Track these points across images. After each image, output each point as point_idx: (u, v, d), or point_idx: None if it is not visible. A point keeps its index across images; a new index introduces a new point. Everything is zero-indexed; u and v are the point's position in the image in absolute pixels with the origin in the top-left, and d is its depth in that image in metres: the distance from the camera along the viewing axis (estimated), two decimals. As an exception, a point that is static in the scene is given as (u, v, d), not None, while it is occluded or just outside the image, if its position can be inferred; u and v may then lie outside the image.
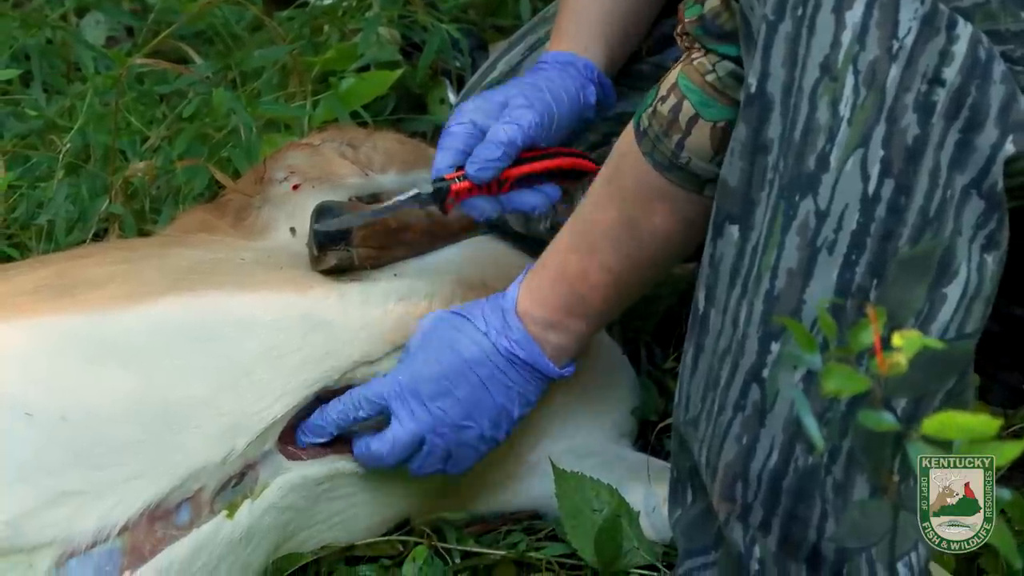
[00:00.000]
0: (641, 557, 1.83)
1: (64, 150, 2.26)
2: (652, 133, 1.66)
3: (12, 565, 1.60)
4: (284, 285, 1.82)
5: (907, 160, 1.47)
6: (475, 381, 1.76)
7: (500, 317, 1.75)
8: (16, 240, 2.22)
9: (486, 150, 1.82)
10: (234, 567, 1.74)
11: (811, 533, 1.52)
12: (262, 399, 1.74)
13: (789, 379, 1.51)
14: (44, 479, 1.62)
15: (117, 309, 1.73)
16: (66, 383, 1.67)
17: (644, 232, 1.70)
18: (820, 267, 1.50)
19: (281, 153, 2.09)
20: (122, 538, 1.66)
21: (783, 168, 1.51)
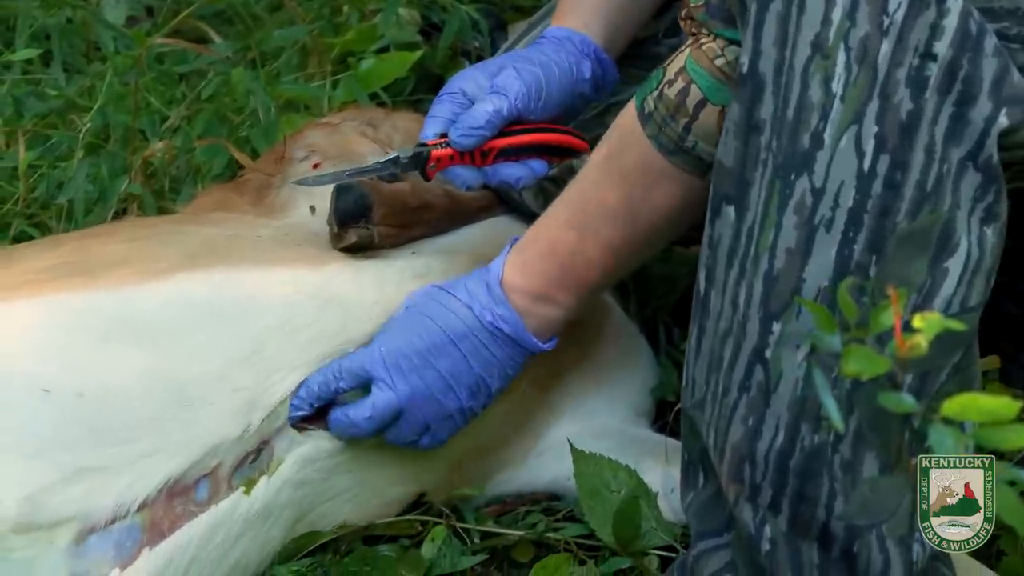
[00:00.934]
0: (659, 538, 1.83)
1: (84, 130, 2.27)
2: (658, 116, 1.65)
3: (32, 541, 1.61)
4: (299, 261, 1.82)
5: (902, 135, 1.47)
6: (457, 355, 1.75)
7: (485, 290, 1.75)
8: (36, 219, 2.22)
9: (470, 117, 1.83)
10: (253, 543, 1.74)
11: (820, 512, 1.52)
12: (275, 374, 1.74)
13: (792, 359, 1.51)
14: (62, 455, 1.63)
15: (132, 286, 1.73)
16: (82, 360, 1.67)
17: (643, 213, 1.69)
18: (818, 245, 1.50)
19: (301, 132, 2.09)
20: (141, 514, 1.66)
21: (777, 147, 1.51)
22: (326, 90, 2.41)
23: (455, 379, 1.75)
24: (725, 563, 1.60)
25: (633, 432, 2.01)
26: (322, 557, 1.82)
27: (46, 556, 1.61)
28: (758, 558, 1.55)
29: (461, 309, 1.75)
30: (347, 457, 1.81)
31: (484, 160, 1.87)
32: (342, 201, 1.86)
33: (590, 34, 1.89)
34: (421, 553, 1.83)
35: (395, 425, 1.77)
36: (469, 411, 1.78)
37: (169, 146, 2.23)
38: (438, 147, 1.85)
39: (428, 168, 1.86)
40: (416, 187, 1.91)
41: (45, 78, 2.44)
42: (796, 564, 1.54)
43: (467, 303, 1.75)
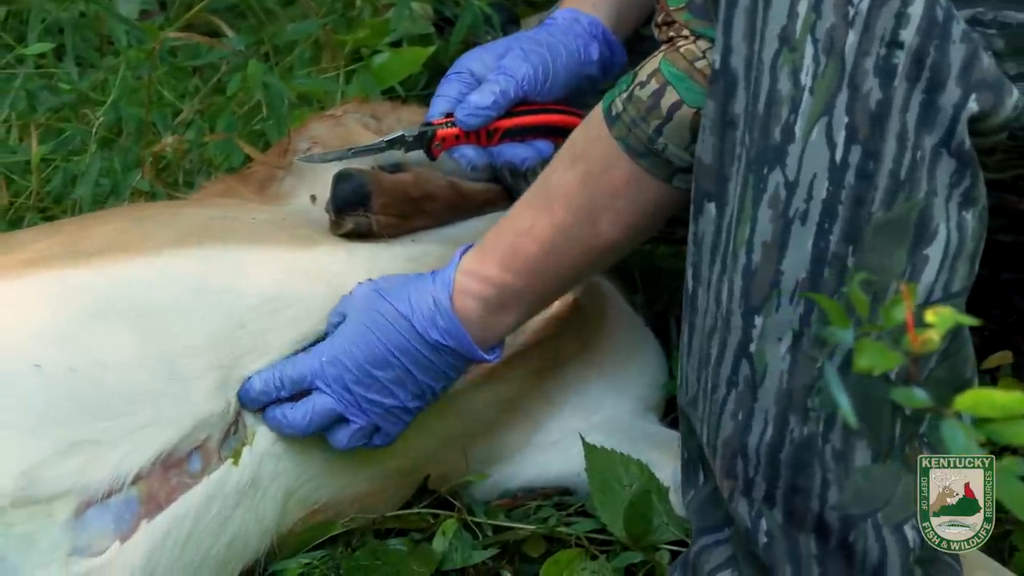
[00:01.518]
0: (671, 532, 1.83)
1: (97, 124, 2.27)
2: (627, 118, 1.64)
3: (31, 515, 1.61)
4: (291, 241, 1.82)
5: (872, 125, 1.47)
6: (399, 366, 1.73)
7: (431, 303, 1.71)
8: (49, 213, 2.23)
9: (477, 97, 1.84)
10: (248, 513, 1.74)
11: (814, 503, 1.52)
12: (251, 352, 1.75)
13: (775, 352, 1.51)
14: (56, 430, 1.63)
15: (123, 263, 1.74)
16: (73, 336, 1.68)
17: (601, 223, 1.68)
18: (794, 238, 1.50)
19: (305, 125, 2.09)
20: (137, 487, 1.67)
21: (750, 142, 1.50)
22: (339, 85, 2.41)
23: (397, 385, 1.74)
24: (726, 558, 1.60)
25: (643, 427, 2.00)
26: (333, 550, 1.82)
27: (47, 530, 1.62)
28: (756, 552, 1.55)
29: (400, 322, 1.72)
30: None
31: (490, 140, 1.87)
32: (340, 189, 1.86)
33: (599, 16, 1.89)
34: (432, 547, 1.83)
35: (341, 429, 1.76)
36: (416, 409, 1.76)
37: (181, 140, 2.23)
38: (444, 126, 1.86)
39: (433, 147, 1.86)
40: (419, 178, 1.91)
41: (58, 72, 2.44)
42: (794, 556, 1.54)
43: (406, 315, 1.72)
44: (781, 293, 1.50)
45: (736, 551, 1.59)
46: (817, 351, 1.49)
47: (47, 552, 1.61)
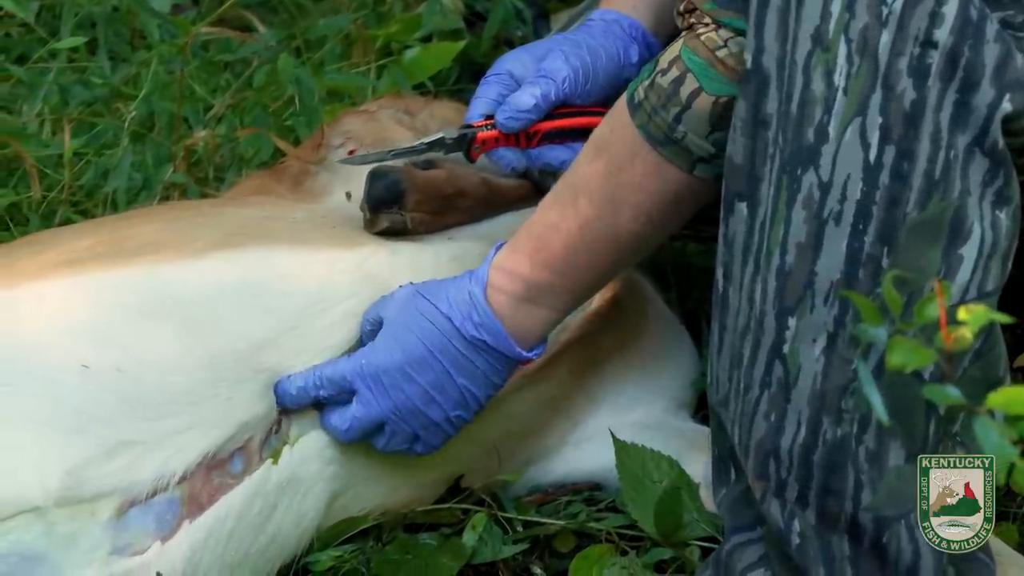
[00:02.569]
0: (701, 529, 1.83)
1: (129, 118, 2.28)
2: (648, 106, 1.64)
3: (74, 514, 1.62)
4: (333, 242, 1.82)
5: (906, 125, 1.47)
6: (439, 368, 1.73)
7: (467, 299, 1.72)
8: (82, 207, 2.24)
9: (517, 100, 1.84)
10: (288, 515, 1.75)
11: (847, 504, 1.52)
12: (300, 354, 1.75)
13: (809, 353, 1.51)
14: (102, 430, 1.64)
15: (168, 264, 1.74)
16: (121, 337, 1.69)
17: (626, 202, 1.67)
18: (828, 239, 1.49)
19: (339, 120, 2.09)
20: (180, 487, 1.68)
21: (783, 142, 1.50)
22: (370, 80, 2.41)
23: (438, 391, 1.74)
24: (759, 557, 1.60)
25: (674, 423, 2.00)
26: (363, 544, 1.82)
27: (88, 530, 1.63)
28: (789, 552, 1.55)
29: (441, 321, 1.72)
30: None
31: (529, 143, 1.87)
32: (374, 187, 1.86)
33: (638, 18, 1.89)
34: (462, 541, 1.83)
35: (380, 435, 1.76)
36: (458, 419, 1.76)
37: (212, 135, 2.24)
38: (483, 129, 1.86)
39: (473, 149, 1.87)
40: (451, 174, 1.91)
41: (91, 66, 2.45)
42: (827, 557, 1.53)
43: (447, 314, 1.72)
44: (815, 294, 1.50)
45: (768, 550, 1.59)
46: (851, 352, 1.49)
47: (88, 551, 1.62)
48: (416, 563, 1.80)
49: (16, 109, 2.36)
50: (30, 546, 1.60)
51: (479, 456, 1.89)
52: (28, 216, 2.20)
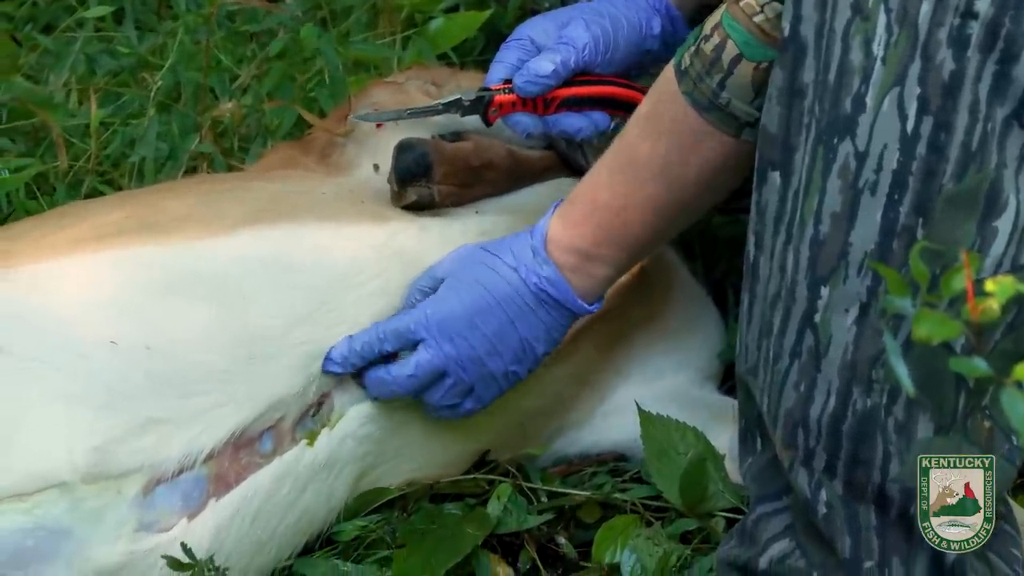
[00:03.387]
0: (726, 500, 1.83)
1: (155, 88, 2.28)
2: (693, 72, 1.65)
3: (101, 491, 1.62)
4: (363, 217, 1.82)
5: (944, 96, 1.46)
6: (503, 318, 1.75)
7: (530, 253, 1.74)
8: (108, 177, 2.24)
9: (536, 65, 1.84)
10: (318, 495, 1.75)
11: (875, 475, 1.52)
12: (336, 328, 1.75)
13: (841, 323, 1.51)
14: (130, 407, 1.64)
15: (198, 240, 1.74)
16: (150, 313, 1.69)
17: (679, 171, 1.69)
18: (863, 209, 1.49)
19: (366, 91, 2.09)
20: (207, 465, 1.68)
21: (819, 111, 1.50)
22: (395, 50, 2.41)
23: (501, 342, 1.76)
24: (784, 527, 1.60)
25: (700, 395, 2.01)
26: (388, 514, 1.83)
27: (115, 506, 1.63)
28: (815, 522, 1.55)
29: (507, 272, 1.75)
30: (410, 415, 1.81)
31: (546, 109, 1.87)
32: (402, 160, 1.86)
33: None
34: (487, 511, 1.83)
35: (437, 386, 1.77)
36: (513, 375, 1.78)
37: (238, 105, 2.24)
38: (501, 92, 1.86)
39: (490, 113, 1.87)
40: (479, 146, 1.92)
41: (117, 36, 2.44)
42: (854, 527, 1.53)
43: (512, 266, 1.75)
44: (849, 264, 1.49)
45: (794, 520, 1.59)
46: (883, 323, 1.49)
47: (114, 527, 1.62)
48: (441, 533, 1.80)
49: (43, 78, 2.36)
50: (56, 521, 1.60)
51: (507, 431, 1.90)
52: (55, 185, 2.20)
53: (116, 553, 1.62)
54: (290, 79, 2.32)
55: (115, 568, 1.61)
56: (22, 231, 1.79)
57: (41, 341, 1.64)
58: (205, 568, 1.63)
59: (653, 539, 1.80)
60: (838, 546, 1.54)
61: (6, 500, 1.58)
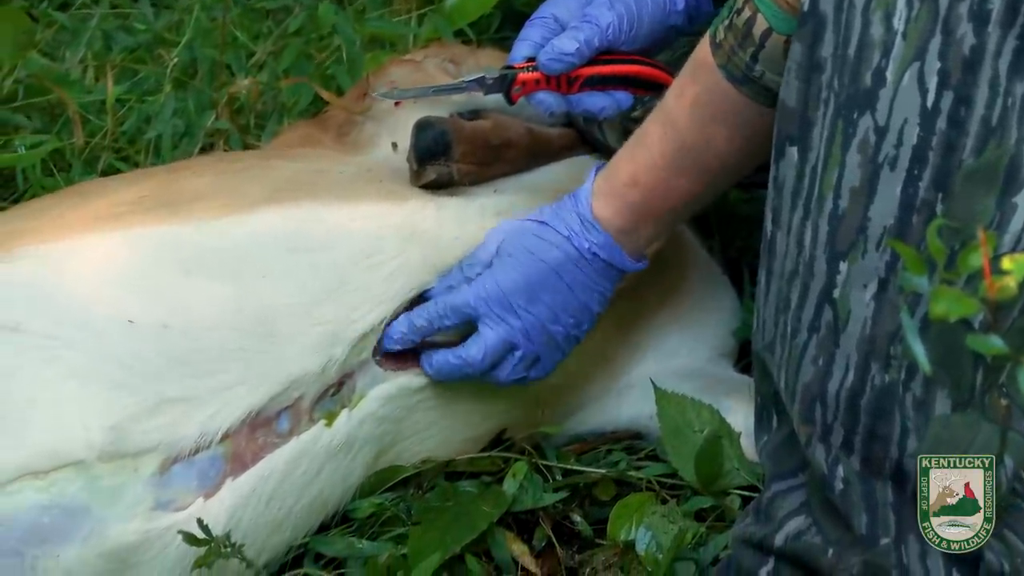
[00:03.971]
0: (741, 477, 1.83)
1: (172, 64, 2.28)
2: (727, 45, 1.65)
3: (117, 469, 1.62)
4: (382, 197, 1.82)
5: (965, 70, 1.45)
6: (561, 285, 1.78)
7: (577, 220, 1.77)
8: (124, 154, 2.24)
9: (560, 43, 1.85)
10: (334, 475, 1.75)
11: (893, 450, 1.52)
12: (358, 308, 1.76)
13: (860, 298, 1.50)
14: (147, 386, 1.64)
15: (216, 219, 1.74)
16: (167, 292, 1.69)
17: (716, 144, 1.70)
18: (883, 184, 1.48)
19: (384, 69, 2.09)
20: (224, 445, 1.68)
21: (839, 86, 1.49)
22: (411, 27, 2.40)
23: (561, 308, 1.79)
24: (800, 504, 1.60)
25: (716, 372, 2.00)
26: (404, 492, 1.83)
27: (131, 484, 1.63)
28: (832, 498, 1.55)
29: (559, 240, 1.77)
30: (429, 395, 1.82)
31: (569, 88, 1.87)
32: (421, 139, 1.86)
33: None
34: (503, 489, 1.83)
35: (507, 361, 1.79)
36: (574, 339, 1.82)
37: (255, 82, 2.24)
38: (525, 71, 1.86)
39: (513, 91, 1.87)
40: (498, 125, 1.91)
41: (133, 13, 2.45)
42: (870, 503, 1.53)
43: (565, 234, 1.77)
44: (868, 239, 1.49)
45: (810, 497, 1.59)
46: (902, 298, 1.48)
47: (131, 506, 1.63)
48: (456, 510, 1.80)
49: (59, 55, 2.37)
50: (73, 499, 1.60)
51: (525, 410, 1.90)
52: (71, 162, 2.21)
53: (132, 531, 1.62)
54: (307, 56, 2.32)
55: (131, 546, 1.62)
56: (39, 209, 1.79)
57: (58, 319, 1.64)
58: (221, 545, 1.63)
59: (668, 516, 1.80)
60: (854, 522, 1.53)
61: (23, 478, 1.58)
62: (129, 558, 1.62)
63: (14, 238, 1.71)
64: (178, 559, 1.64)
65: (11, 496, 1.58)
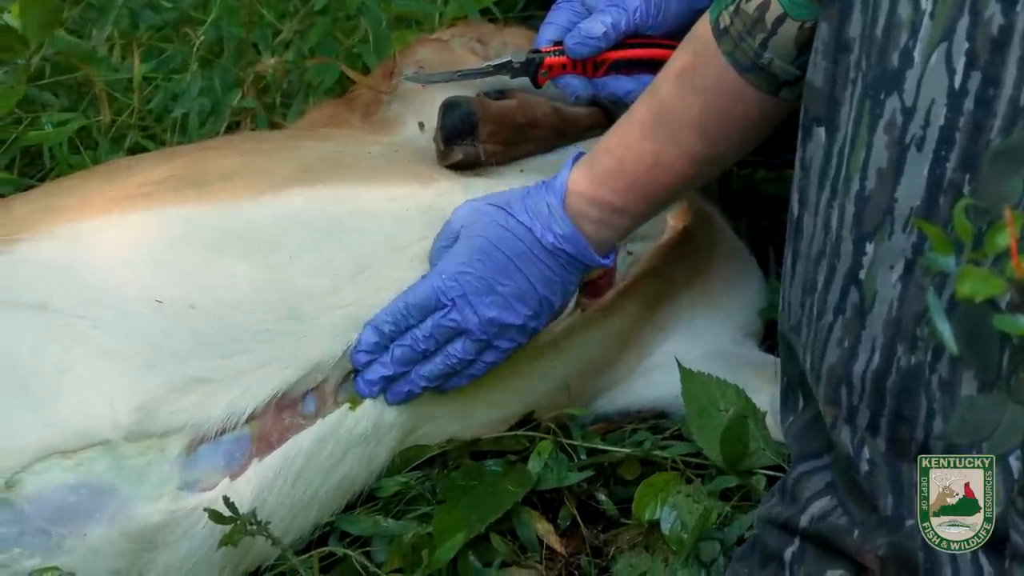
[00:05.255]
0: (767, 457, 1.83)
1: (198, 43, 2.28)
2: (734, 32, 1.65)
3: (144, 449, 1.63)
4: (409, 178, 1.82)
5: (993, 51, 1.44)
6: (519, 277, 1.76)
7: (545, 209, 1.75)
8: (150, 132, 2.25)
9: (588, 27, 1.85)
10: (360, 459, 1.76)
11: (919, 432, 1.51)
12: (381, 290, 1.76)
13: (887, 279, 1.50)
14: (174, 366, 1.65)
15: (244, 199, 1.75)
16: (194, 272, 1.69)
17: (716, 129, 1.70)
18: (910, 164, 1.48)
19: (411, 48, 2.09)
20: (250, 426, 1.68)
21: (866, 66, 1.49)
22: (438, 5, 2.40)
23: (519, 300, 1.76)
24: (825, 484, 1.60)
25: (742, 352, 2.00)
26: (429, 471, 1.83)
27: (158, 464, 1.63)
28: (857, 479, 1.55)
29: (521, 231, 1.75)
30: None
31: (596, 71, 1.87)
32: (448, 118, 1.86)
33: None
34: (528, 468, 1.83)
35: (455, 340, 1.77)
36: (532, 331, 1.79)
37: (281, 61, 2.24)
38: (552, 55, 1.86)
39: (539, 75, 1.87)
40: (524, 104, 1.91)
41: (160, -10, 2.45)
42: (896, 485, 1.53)
43: (527, 224, 1.75)
44: (895, 220, 1.48)
45: (835, 478, 1.59)
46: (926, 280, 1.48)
47: (157, 486, 1.63)
48: (482, 489, 1.80)
49: (86, 33, 2.37)
50: (100, 478, 1.61)
51: (552, 392, 1.90)
52: (98, 140, 2.21)
53: (158, 511, 1.62)
54: (333, 35, 2.32)
55: (157, 526, 1.62)
56: (67, 187, 1.80)
57: (85, 298, 1.64)
58: (247, 522, 1.63)
59: (693, 496, 1.79)
60: (880, 503, 1.53)
61: (50, 457, 1.59)
62: (155, 538, 1.62)
63: (42, 216, 1.71)
64: (204, 539, 1.64)
65: (38, 475, 1.59)
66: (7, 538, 1.58)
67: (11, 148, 2.14)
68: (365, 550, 1.76)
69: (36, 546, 1.58)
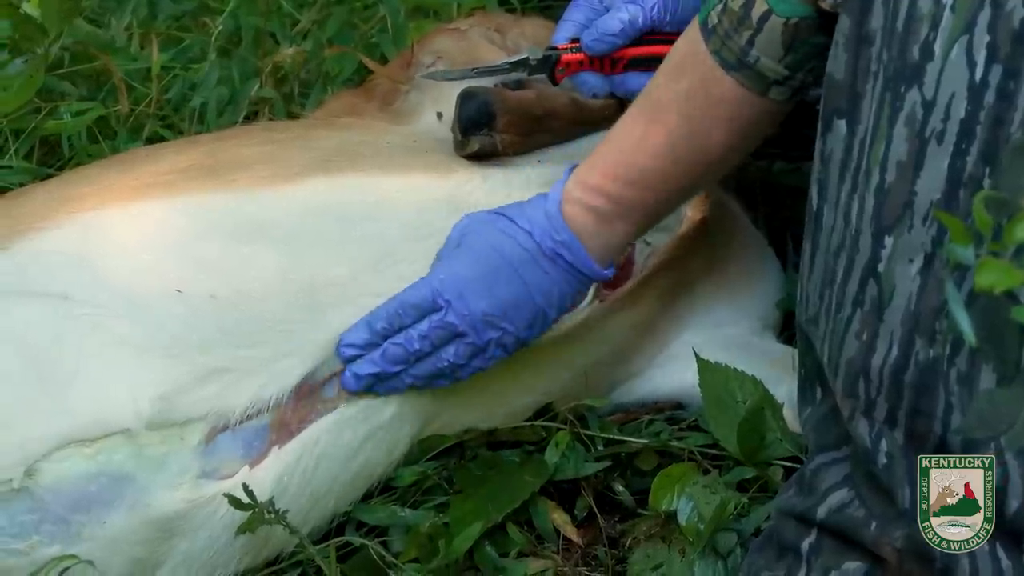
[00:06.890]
0: (784, 449, 1.83)
1: (216, 33, 2.28)
2: (721, 30, 1.64)
3: (164, 438, 1.63)
4: (427, 168, 1.83)
5: (1014, 44, 1.44)
6: (518, 282, 1.74)
7: (543, 217, 1.73)
8: (169, 121, 2.25)
9: (605, 24, 1.85)
10: (379, 446, 1.76)
11: (936, 426, 1.51)
12: (402, 279, 1.75)
13: (905, 272, 1.50)
14: (195, 356, 1.65)
15: (264, 189, 1.75)
16: (215, 261, 1.69)
17: (705, 129, 1.68)
18: (930, 158, 1.47)
19: (429, 38, 2.09)
20: (271, 414, 1.69)
21: (887, 59, 1.48)
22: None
23: (514, 307, 1.74)
24: (843, 476, 1.60)
25: (759, 343, 2.00)
26: (446, 461, 1.83)
27: (178, 453, 1.64)
28: (875, 472, 1.55)
29: (521, 236, 1.74)
30: None
31: (613, 68, 1.87)
32: (466, 108, 1.86)
33: None
34: (545, 459, 1.83)
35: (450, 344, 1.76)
36: (524, 341, 1.77)
37: (299, 51, 2.24)
38: (569, 51, 1.86)
39: (557, 72, 1.87)
40: (541, 95, 1.91)
41: (179, -20, 2.45)
42: (913, 478, 1.53)
43: (527, 229, 1.74)
44: (914, 213, 1.48)
45: (853, 470, 1.59)
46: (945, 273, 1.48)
47: (177, 474, 1.63)
48: (499, 479, 1.81)
49: (105, 23, 2.37)
50: (119, 467, 1.61)
51: (570, 382, 1.90)
52: (116, 129, 2.21)
53: (177, 500, 1.63)
54: (351, 25, 2.33)
55: (176, 515, 1.63)
56: (85, 177, 1.80)
57: (106, 288, 1.65)
58: (265, 510, 1.63)
59: (710, 487, 1.79)
60: (897, 496, 1.53)
61: (70, 446, 1.60)
62: (174, 526, 1.63)
63: (61, 205, 1.72)
64: (223, 528, 1.65)
65: (58, 464, 1.59)
66: (27, 526, 1.58)
67: (30, 137, 2.15)
68: (382, 540, 1.77)
69: (55, 534, 1.59)
